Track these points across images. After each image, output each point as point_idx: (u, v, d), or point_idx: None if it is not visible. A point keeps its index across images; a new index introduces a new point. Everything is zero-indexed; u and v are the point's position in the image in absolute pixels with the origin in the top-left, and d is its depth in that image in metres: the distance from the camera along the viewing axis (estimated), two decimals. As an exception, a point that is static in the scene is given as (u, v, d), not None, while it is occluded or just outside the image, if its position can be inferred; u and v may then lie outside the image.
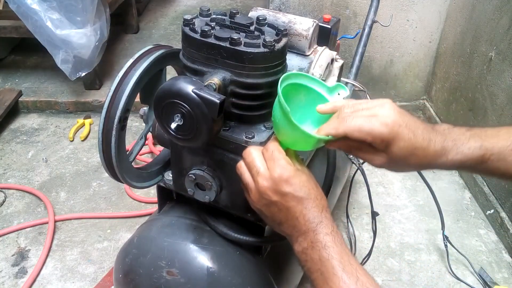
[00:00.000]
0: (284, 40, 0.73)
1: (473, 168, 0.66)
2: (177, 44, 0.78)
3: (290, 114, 0.62)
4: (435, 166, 0.65)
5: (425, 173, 1.30)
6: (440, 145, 0.63)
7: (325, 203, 0.67)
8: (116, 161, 0.78)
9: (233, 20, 0.74)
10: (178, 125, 0.66)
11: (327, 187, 0.87)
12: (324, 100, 0.71)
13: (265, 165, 0.66)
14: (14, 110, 2.16)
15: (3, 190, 1.72)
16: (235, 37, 0.68)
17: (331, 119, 0.66)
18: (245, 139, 0.74)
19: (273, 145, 0.67)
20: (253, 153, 0.68)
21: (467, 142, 0.64)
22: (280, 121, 0.65)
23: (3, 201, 1.67)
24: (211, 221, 0.86)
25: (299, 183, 0.65)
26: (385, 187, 1.81)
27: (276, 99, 0.65)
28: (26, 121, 2.15)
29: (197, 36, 0.70)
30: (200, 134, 0.67)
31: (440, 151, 0.63)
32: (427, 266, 1.49)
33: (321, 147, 0.69)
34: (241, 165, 0.70)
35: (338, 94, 0.71)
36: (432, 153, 0.63)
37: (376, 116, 0.62)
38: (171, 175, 0.89)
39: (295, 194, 0.64)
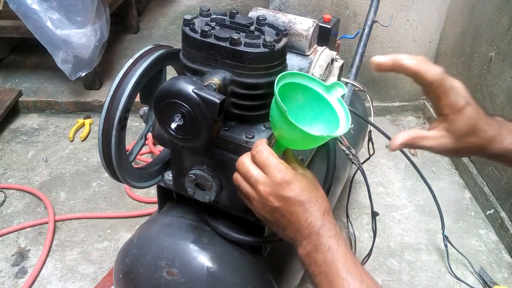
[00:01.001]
0: (284, 40, 0.73)
1: None
2: (177, 44, 0.77)
3: (287, 113, 0.61)
4: (487, 151, 0.65)
5: (425, 173, 1.30)
6: (497, 131, 0.63)
7: (327, 205, 0.67)
8: (116, 161, 0.78)
9: (233, 20, 0.74)
10: (178, 125, 0.66)
11: (327, 188, 0.87)
12: (321, 98, 0.70)
13: (262, 172, 0.66)
14: (14, 110, 2.16)
15: (3, 190, 1.72)
16: (235, 37, 0.68)
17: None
18: (245, 139, 0.74)
19: (266, 150, 0.66)
20: (246, 162, 0.67)
21: None
22: (278, 121, 0.65)
23: (3, 201, 1.67)
24: (211, 221, 0.86)
25: (300, 187, 0.65)
26: (385, 187, 1.81)
27: (273, 99, 0.64)
28: (26, 121, 2.15)
29: (197, 36, 0.70)
30: (200, 134, 0.66)
31: (497, 136, 0.63)
32: (427, 266, 1.49)
33: (320, 146, 0.68)
34: (237, 177, 0.69)
35: (336, 91, 0.71)
36: (490, 137, 0.63)
37: (455, 82, 0.62)
38: (171, 175, 0.89)
39: (297, 198, 0.64)
